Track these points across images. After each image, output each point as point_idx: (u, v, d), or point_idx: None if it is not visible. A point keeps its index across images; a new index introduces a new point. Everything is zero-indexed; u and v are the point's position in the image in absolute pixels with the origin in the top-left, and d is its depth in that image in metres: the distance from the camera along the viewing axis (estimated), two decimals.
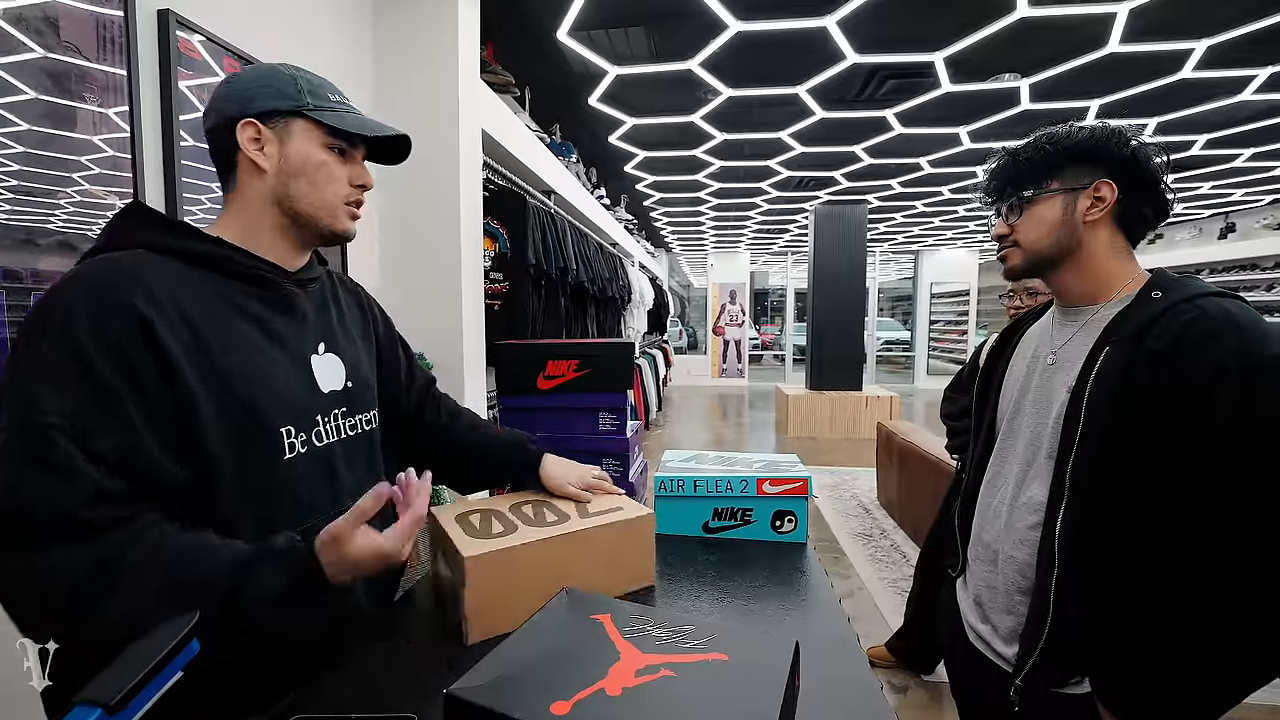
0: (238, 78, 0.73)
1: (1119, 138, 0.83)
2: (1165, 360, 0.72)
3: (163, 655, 0.46)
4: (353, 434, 0.80)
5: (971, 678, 0.99)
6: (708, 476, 1.26)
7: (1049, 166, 0.86)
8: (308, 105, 0.72)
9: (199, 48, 1.34)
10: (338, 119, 0.73)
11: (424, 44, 1.96)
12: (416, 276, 2.00)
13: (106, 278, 0.61)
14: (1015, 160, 0.89)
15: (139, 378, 0.59)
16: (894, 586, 2.99)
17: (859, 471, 5.14)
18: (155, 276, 0.63)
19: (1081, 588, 0.78)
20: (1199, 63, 3.07)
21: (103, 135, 1.14)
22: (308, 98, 0.72)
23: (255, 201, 0.73)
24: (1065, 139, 0.85)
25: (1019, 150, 0.90)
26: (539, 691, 0.56)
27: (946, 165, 5.20)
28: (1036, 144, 0.88)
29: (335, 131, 0.73)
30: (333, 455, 0.76)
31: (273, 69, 0.73)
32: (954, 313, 10.81)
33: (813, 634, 0.88)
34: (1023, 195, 0.88)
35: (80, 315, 0.58)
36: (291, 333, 0.74)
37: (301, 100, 0.72)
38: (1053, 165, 0.86)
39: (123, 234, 0.67)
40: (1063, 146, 0.85)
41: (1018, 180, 0.89)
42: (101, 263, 0.63)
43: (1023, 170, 0.88)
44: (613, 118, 3.99)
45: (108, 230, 0.68)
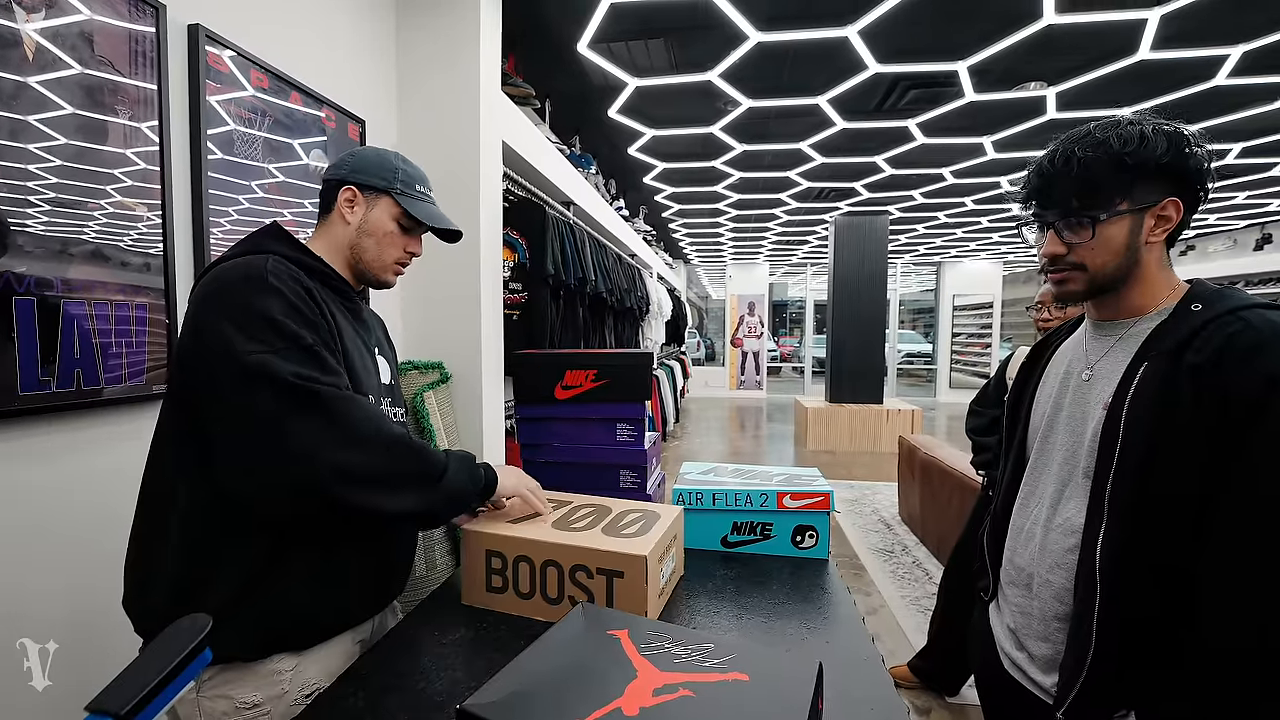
0: (361, 153, 0.97)
1: (1191, 148, 0.75)
2: (1208, 374, 0.69)
3: (175, 664, 0.46)
4: (394, 420, 0.95)
5: (1007, 706, 0.94)
6: (727, 489, 1.23)
7: (1125, 180, 0.76)
8: (397, 190, 0.95)
9: (228, 62, 1.37)
10: (412, 205, 0.96)
11: (446, 58, 1.99)
12: (437, 286, 2.01)
13: (281, 265, 0.83)
14: (1087, 169, 0.76)
15: (324, 331, 0.83)
16: (916, 604, 2.91)
17: (879, 486, 5.05)
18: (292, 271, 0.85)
19: (1126, 612, 0.74)
20: (1233, 69, 3.00)
21: (134, 148, 1.17)
22: (399, 184, 0.95)
23: (335, 239, 0.96)
24: (1146, 149, 0.74)
25: (1091, 157, 0.76)
26: (553, 710, 0.54)
27: (970, 176, 5.12)
28: (1110, 152, 0.75)
29: (409, 215, 0.96)
30: None
31: (384, 156, 0.97)
32: (977, 325, 10.62)
33: (835, 653, 0.85)
34: (1094, 216, 0.77)
35: (281, 286, 0.80)
36: (361, 332, 0.97)
37: (393, 185, 0.95)
38: (1130, 179, 0.76)
39: (263, 243, 0.88)
40: (1144, 159, 0.74)
41: (1086, 196, 0.78)
42: (268, 259, 0.83)
43: (1095, 182, 0.77)
44: (632, 129, 4.01)
45: (251, 239, 0.90)
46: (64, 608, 1.06)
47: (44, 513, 1.05)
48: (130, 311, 1.17)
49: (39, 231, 1.01)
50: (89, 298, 1.09)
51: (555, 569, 0.92)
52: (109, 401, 1.13)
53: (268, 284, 0.79)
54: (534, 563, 0.93)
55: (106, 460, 1.15)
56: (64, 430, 1.08)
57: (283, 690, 0.81)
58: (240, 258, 0.84)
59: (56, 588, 1.08)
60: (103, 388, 1.12)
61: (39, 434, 1.04)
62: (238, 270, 0.80)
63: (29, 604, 1.00)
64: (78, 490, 1.10)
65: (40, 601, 1.02)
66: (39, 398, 1.02)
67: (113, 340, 1.14)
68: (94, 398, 1.10)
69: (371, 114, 1.88)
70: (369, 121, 1.86)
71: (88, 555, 1.12)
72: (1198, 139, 0.76)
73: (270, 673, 0.81)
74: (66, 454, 1.09)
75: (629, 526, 0.99)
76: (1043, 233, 0.85)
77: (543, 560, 0.93)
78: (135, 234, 1.18)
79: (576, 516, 1.04)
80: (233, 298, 0.78)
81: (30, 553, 1.04)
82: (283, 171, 1.54)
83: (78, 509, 1.11)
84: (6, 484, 1.00)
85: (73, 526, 1.10)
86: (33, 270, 1.01)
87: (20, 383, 0.99)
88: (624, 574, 0.89)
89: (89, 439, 1.12)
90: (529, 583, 0.94)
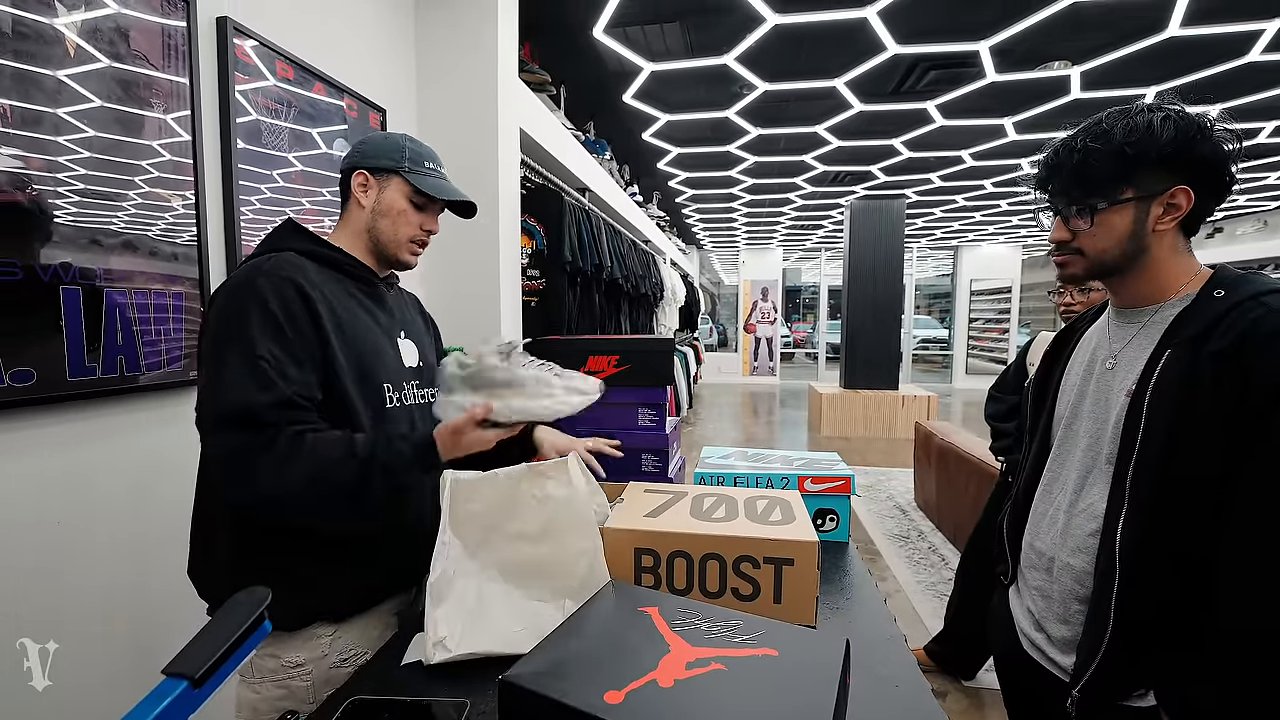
0: (369, 139, 0.98)
1: (1203, 135, 0.74)
2: (1230, 360, 0.69)
3: (241, 631, 0.49)
4: (423, 401, 1.01)
5: (1025, 686, 0.96)
6: (748, 473, 1.25)
7: (1125, 171, 0.77)
8: (405, 168, 0.96)
9: (251, 53, 1.39)
10: (421, 181, 0.96)
11: (465, 45, 1.99)
12: (457, 274, 2.04)
13: (278, 268, 0.84)
14: (1086, 160, 0.78)
15: (305, 333, 0.82)
16: (932, 589, 2.92)
17: (895, 472, 5.04)
18: (304, 270, 0.87)
19: (1144, 596, 0.75)
20: (1268, 45, 2.90)
21: (162, 140, 1.19)
22: (407, 163, 0.96)
23: (355, 226, 0.98)
24: (1148, 139, 0.74)
25: (1091, 148, 0.77)
26: (592, 680, 0.57)
27: (989, 158, 5.03)
28: (1112, 143, 0.76)
29: (418, 191, 0.96)
30: (413, 413, 0.98)
31: (391, 138, 0.98)
32: (995, 310, 10.47)
33: (858, 633, 0.87)
34: (1093, 205, 0.79)
35: (269, 291, 0.81)
36: (384, 319, 0.98)
37: (401, 164, 0.96)
38: (1130, 170, 0.77)
39: (280, 241, 0.91)
40: (1144, 150, 0.75)
41: (1087, 184, 0.79)
42: (272, 259, 0.86)
43: (1095, 172, 0.78)
44: (647, 114, 3.98)
45: (270, 238, 0.93)
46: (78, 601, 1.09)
47: (91, 496, 1.10)
48: (168, 300, 1.20)
49: (77, 224, 1.05)
50: (130, 287, 1.13)
51: (717, 562, 0.89)
52: (147, 387, 1.17)
53: (253, 290, 0.81)
54: (692, 557, 0.89)
55: (147, 443, 1.19)
56: (108, 415, 1.12)
57: (323, 653, 0.87)
58: (255, 258, 0.88)
59: (91, 576, 1.12)
60: (142, 374, 1.16)
61: (86, 418, 1.09)
62: (241, 275, 0.84)
63: (29, 604, 1.02)
64: (120, 474, 1.15)
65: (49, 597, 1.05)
66: (87, 383, 1.06)
67: (151, 328, 1.17)
68: (133, 383, 1.14)
69: (392, 102, 1.90)
70: (390, 110, 1.88)
71: (131, 540, 1.17)
72: (1217, 125, 0.75)
73: (311, 636, 0.87)
74: (111, 437, 1.13)
75: (770, 513, 0.97)
76: (1055, 218, 0.87)
77: (702, 554, 0.89)
78: (165, 224, 1.21)
79: (708, 507, 1.00)
80: (223, 305, 0.82)
81: (69, 538, 1.08)
82: (303, 160, 1.56)
83: (121, 494, 1.15)
84: (57, 466, 1.04)
85: (119, 507, 1.15)
86: (78, 261, 1.04)
87: (69, 368, 1.03)
88: (794, 562, 0.87)
89: (132, 423, 1.17)
90: (685, 578, 0.90)
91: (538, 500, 0.89)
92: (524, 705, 0.57)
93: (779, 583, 0.88)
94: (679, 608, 0.72)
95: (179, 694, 0.45)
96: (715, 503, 1.03)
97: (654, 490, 1.10)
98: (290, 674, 0.85)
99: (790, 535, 0.88)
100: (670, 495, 1.07)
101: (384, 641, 0.89)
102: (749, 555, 0.88)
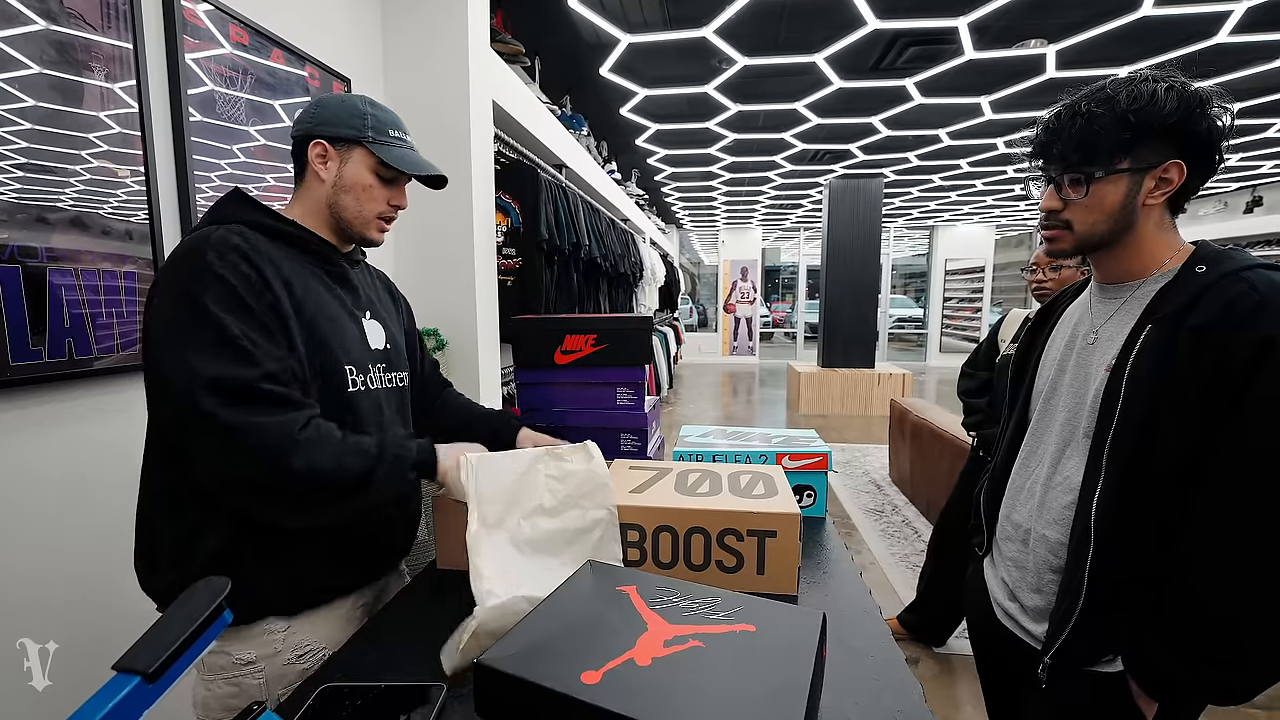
0: (324, 102, 0.89)
1: (1203, 110, 0.74)
2: (1209, 334, 0.70)
3: (198, 624, 0.46)
4: (389, 386, 0.96)
5: (999, 654, 0.98)
6: (727, 451, 1.25)
7: (1125, 141, 0.75)
8: (368, 138, 0.87)
9: (203, 16, 1.31)
10: (387, 153, 0.88)
11: (434, 13, 1.91)
12: (429, 252, 1.98)
13: (225, 239, 0.77)
14: (1090, 124, 0.76)
15: (263, 308, 0.76)
16: (905, 561, 3.00)
17: (870, 448, 5.13)
18: (253, 243, 0.80)
19: (1116, 565, 0.76)
20: (1236, 26, 2.94)
21: (110, 111, 1.12)
22: (370, 132, 0.88)
23: (313, 200, 0.90)
24: (1151, 108, 0.73)
25: (1095, 112, 0.76)
26: (569, 661, 0.56)
27: (966, 137, 5.05)
28: (1116, 110, 0.75)
29: (385, 164, 0.88)
30: (379, 398, 0.93)
31: (349, 102, 0.89)
32: (968, 290, 10.65)
33: (834, 605, 0.88)
34: (1090, 174, 0.78)
35: (218, 264, 0.74)
36: (347, 298, 0.92)
37: (364, 134, 0.87)
38: (1130, 138, 0.75)
39: (225, 212, 0.83)
40: (1147, 119, 0.74)
41: (1087, 150, 0.78)
42: (217, 230, 0.78)
43: (1096, 138, 0.76)
44: (624, 89, 3.90)
45: (215, 209, 0.85)
46: (64, 600, 1.06)
47: (41, 486, 1.05)
48: (119, 281, 1.14)
49: (13, 200, 0.98)
50: (76, 266, 1.07)
51: (702, 535, 0.90)
52: (102, 372, 1.12)
53: (204, 263, 0.74)
54: (677, 531, 0.90)
55: (101, 431, 1.14)
56: (57, 401, 1.07)
57: (275, 649, 0.83)
58: (198, 231, 0.80)
59: (56, 569, 1.08)
60: (95, 357, 1.10)
61: (32, 405, 1.03)
62: (181, 249, 0.77)
63: (29, 603, 0.99)
64: (72, 462, 1.10)
65: (40, 594, 1.02)
66: (31, 368, 1.00)
67: (103, 310, 1.12)
68: (86, 368, 1.09)
69: (357, 72, 1.81)
70: (355, 80, 1.80)
71: (85, 530, 1.12)
72: (1216, 101, 0.75)
73: (263, 633, 0.82)
74: (62, 425, 1.08)
75: (754, 487, 0.98)
76: (1046, 186, 0.85)
77: (687, 528, 0.90)
78: (117, 201, 1.14)
79: (692, 483, 1.01)
80: (170, 283, 0.75)
81: (25, 528, 1.04)
82: (265, 135, 1.49)
83: (72, 482, 1.11)
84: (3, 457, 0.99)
85: (68, 498, 1.10)
86: (16, 239, 0.98)
87: (10, 352, 0.97)
88: (777, 534, 0.88)
89: (86, 409, 1.11)
90: (670, 552, 0.91)
91: (556, 479, 0.91)
92: (500, 688, 0.56)
93: (762, 554, 0.89)
94: (657, 586, 0.71)
95: (130, 690, 0.43)
96: (699, 478, 1.03)
97: (639, 467, 1.10)
98: (242, 671, 0.81)
99: (773, 508, 0.89)
100: (655, 471, 1.07)
101: (348, 637, 0.85)
102: (733, 528, 0.89)
